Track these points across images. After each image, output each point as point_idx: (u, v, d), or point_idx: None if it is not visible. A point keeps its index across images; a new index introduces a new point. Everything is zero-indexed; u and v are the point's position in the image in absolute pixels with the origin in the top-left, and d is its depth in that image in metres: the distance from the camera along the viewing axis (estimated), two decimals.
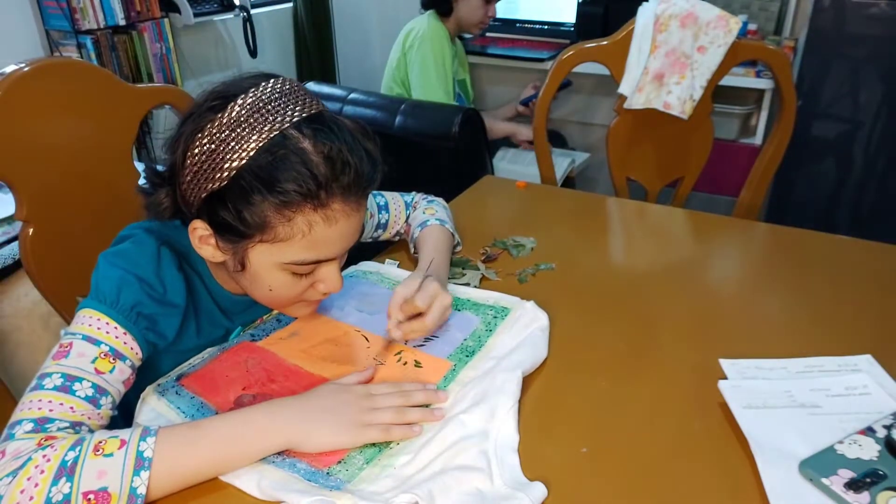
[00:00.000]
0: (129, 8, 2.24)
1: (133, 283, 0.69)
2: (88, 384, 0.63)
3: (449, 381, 0.74)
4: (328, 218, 0.67)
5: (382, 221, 1.02)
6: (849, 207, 2.40)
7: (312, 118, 0.67)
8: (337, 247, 0.71)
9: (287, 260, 0.69)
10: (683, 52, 1.39)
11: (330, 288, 0.74)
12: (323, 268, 0.73)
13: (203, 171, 0.65)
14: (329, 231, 0.68)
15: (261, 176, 0.64)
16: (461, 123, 1.71)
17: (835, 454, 0.61)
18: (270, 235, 0.67)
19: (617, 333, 0.85)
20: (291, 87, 0.68)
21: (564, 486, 0.60)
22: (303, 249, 0.68)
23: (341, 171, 0.66)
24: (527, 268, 0.99)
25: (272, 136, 0.64)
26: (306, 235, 0.67)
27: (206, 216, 0.68)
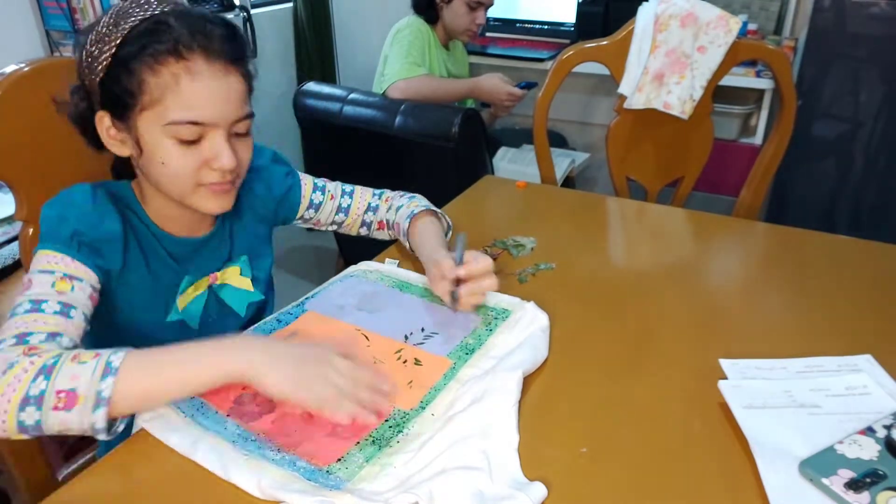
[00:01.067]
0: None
1: (69, 217, 0.76)
2: (54, 302, 0.70)
3: (449, 379, 0.74)
4: (191, 71, 0.73)
5: (343, 205, 1.04)
6: (849, 207, 2.40)
7: (181, 9, 0.76)
8: (210, 108, 0.75)
9: (166, 121, 0.74)
10: (683, 51, 1.39)
11: (221, 161, 0.77)
12: (209, 140, 0.76)
13: (94, 58, 0.75)
14: (195, 86, 0.73)
15: (133, 45, 0.73)
16: (461, 123, 1.71)
17: (835, 454, 0.61)
18: (148, 97, 0.73)
19: (617, 333, 0.85)
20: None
21: (564, 486, 0.60)
22: (177, 108, 0.74)
23: (199, 32, 0.74)
24: (527, 268, 1.00)
25: (144, 16, 0.74)
26: (174, 90, 0.73)
27: (105, 104, 0.76)
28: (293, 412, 0.70)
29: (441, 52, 2.12)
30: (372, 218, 1.06)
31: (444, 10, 2.04)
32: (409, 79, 1.93)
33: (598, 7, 2.59)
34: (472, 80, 2.10)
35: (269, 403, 0.71)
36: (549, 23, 2.88)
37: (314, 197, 1.01)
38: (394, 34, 2.04)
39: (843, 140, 2.32)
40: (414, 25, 2.03)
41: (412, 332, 0.83)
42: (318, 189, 1.02)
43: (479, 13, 2.05)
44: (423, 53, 2.02)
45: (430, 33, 2.07)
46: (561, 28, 2.85)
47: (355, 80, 3.27)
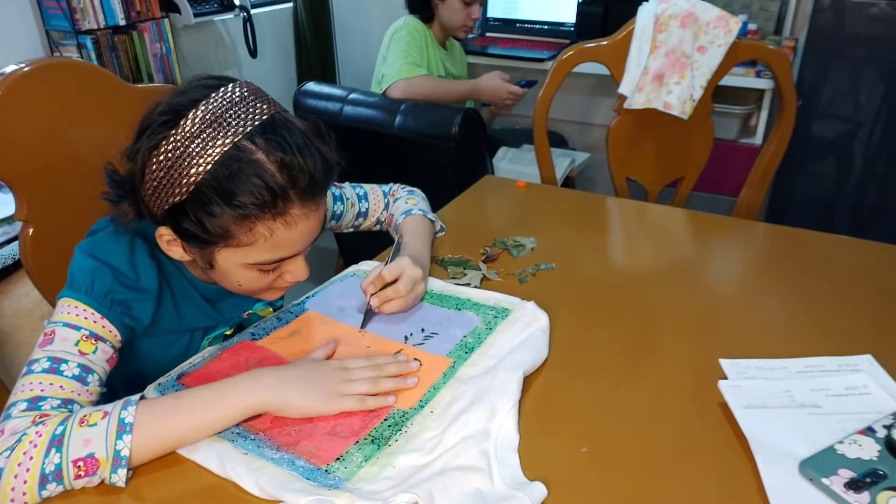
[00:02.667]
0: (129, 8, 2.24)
1: (105, 271, 0.72)
2: (74, 364, 0.67)
3: (448, 378, 0.74)
4: (288, 223, 0.69)
5: (363, 210, 1.05)
6: (849, 207, 2.40)
7: (265, 125, 0.68)
8: (299, 245, 0.74)
9: (252, 261, 0.72)
10: (683, 52, 1.39)
11: (297, 278, 0.77)
12: (289, 262, 0.76)
13: (163, 185, 0.67)
14: (290, 234, 0.71)
15: (218, 189, 0.66)
16: (461, 123, 1.71)
17: (835, 454, 0.61)
18: (234, 242, 0.70)
19: (617, 333, 0.85)
20: (241, 95, 0.69)
21: (564, 486, 0.60)
22: (266, 252, 0.71)
23: (296, 178, 0.68)
24: (527, 268, 0.99)
25: (226, 149, 0.66)
26: (268, 240, 0.70)
27: (170, 224, 0.71)
28: None
29: (439, 51, 2.12)
30: (385, 216, 1.08)
31: (440, 8, 2.05)
32: (409, 79, 1.94)
33: (598, 7, 2.60)
34: (473, 81, 2.10)
35: None
36: (549, 23, 2.88)
37: (336, 209, 1.01)
38: (391, 35, 2.04)
39: (843, 140, 2.33)
40: (411, 25, 2.03)
41: (412, 332, 0.83)
42: (338, 199, 1.01)
43: (474, 7, 2.05)
44: (421, 53, 2.02)
45: (427, 33, 2.07)
46: (561, 28, 2.85)
47: (355, 80, 3.27)
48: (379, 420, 0.68)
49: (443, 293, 0.92)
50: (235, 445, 0.65)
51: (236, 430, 0.67)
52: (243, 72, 2.81)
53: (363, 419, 0.68)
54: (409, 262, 0.86)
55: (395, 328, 0.84)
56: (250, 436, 0.66)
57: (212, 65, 2.71)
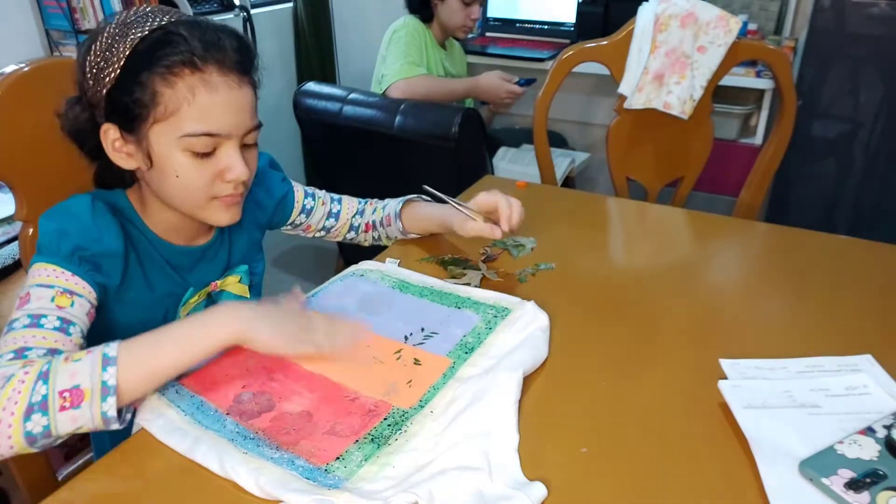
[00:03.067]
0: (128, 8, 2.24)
1: (70, 232, 0.74)
2: (54, 317, 0.69)
3: (448, 378, 0.74)
4: (207, 83, 0.73)
5: (334, 211, 1.07)
6: (849, 207, 2.40)
7: (188, 19, 0.76)
8: (225, 119, 0.75)
9: (181, 133, 0.73)
10: (683, 51, 1.39)
11: (235, 173, 0.77)
12: (223, 151, 0.77)
13: (100, 69, 0.74)
14: (212, 98, 0.73)
15: (144, 55, 0.72)
16: (461, 123, 1.71)
17: (835, 454, 0.61)
18: (162, 109, 0.73)
19: (617, 333, 0.85)
20: (174, 10, 0.77)
21: (564, 486, 0.60)
22: (192, 120, 0.73)
23: (213, 45, 0.73)
24: (527, 268, 0.99)
25: (153, 27, 0.73)
26: (191, 103, 0.73)
27: (111, 116, 0.75)
28: (292, 410, 0.70)
29: (438, 51, 2.12)
30: (359, 221, 1.09)
31: (439, 8, 2.04)
32: (408, 79, 1.94)
33: (598, 7, 2.59)
34: (472, 79, 2.10)
35: (269, 402, 0.71)
36: (549, 23, 2.88)
37: (306, 202, 1.04)
38: (390, 35, 2.05)
39: (843, 140, 2.32)
40: (410, 25, 2.03)
41: (412, 332, 0.83)
42: (309, 195, 1.04)
43: (474, 7, 2.05)
44: (420, 53, 2.02)
45: (427, 33, 2.07)
46: (561, 28, 2.85)
47: (355, 80, 3.27)
48: (379, 419, 0.68)
49: (443, 290, 0.92)
50: (235, 445, 0.65)
51: (236, 430, 0.67)
52: None
53: (363, 419, 0.68)
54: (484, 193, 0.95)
55: (396, 328, 0.84)
56: (250, 435, 0.66)
57: None
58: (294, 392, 0.72)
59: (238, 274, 0.93)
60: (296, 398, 0.71)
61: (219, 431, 0.67)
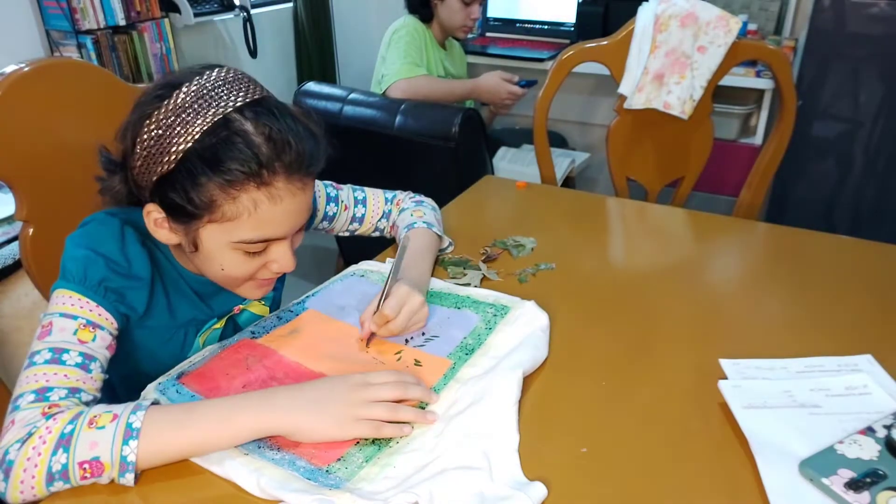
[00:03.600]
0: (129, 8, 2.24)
1: (97, 260, 0.72)
2: (76, 353, 0.67)
3: (448, 380, 0.74)
4: (272, 196, 0.69)
5: (358, 215, 1.03)
6: (849, 207, 2.40)
7: (255, 103, 0.69)
8: (284, 226, 0.73)
9: (236, 239, 0.71)
10: (683, 52, 1.39)
11: (282, 267, 0.76)
12: (274, 247, 0.74)
13: (152, 155, 0.68)
14: (275, 209, 0.70)
15: (205, 157, 0.66)
16: (461, 123, 1.71)
17: (835, 454, 0.61)
18: (218, 215, 0.69)
19: (617, 333, 0.85)
20: (235, 76, 0.71)
21: (564, 486, 0.60)
22: (251, 228, 0.70)
23: (282, 150, 0.68)
24: (527, 268, 0.99)
25: (216, 119, 0.67)
26: (252, 214, 0.69)
27: (158, 199, 0.71)
28: None
29: (438, 51, 2.12)
30: (385, 224, 1.05)
31: (439, 8, 2.05)
32: (409, 79, 1.94)
33: (598, 7, 2.60)
34: (473, 80, 2.10)
35: None
36: (549, 23, 2.89)
37: (328, 209, 0.99)
38: (390, 34, 2.05)
39: (843, 140, 2.33)
40: (410, 25, 2.03)
41: (412, 335, 0.83)
42: (332, 200, 0.99)
43: (474, 7, 2.05)
44: (420, 53, 2.02)
45: (427, 33, 2.07)
46: (561, 28, 2.85)
47: (355, 80, 3.27)
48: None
49: (442, 291, 0.92)
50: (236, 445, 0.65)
51: None
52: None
53: None
54: (407, 290, 0.81)
55: None
56: None
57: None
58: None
59: (262, 300, 0.89)
60: None
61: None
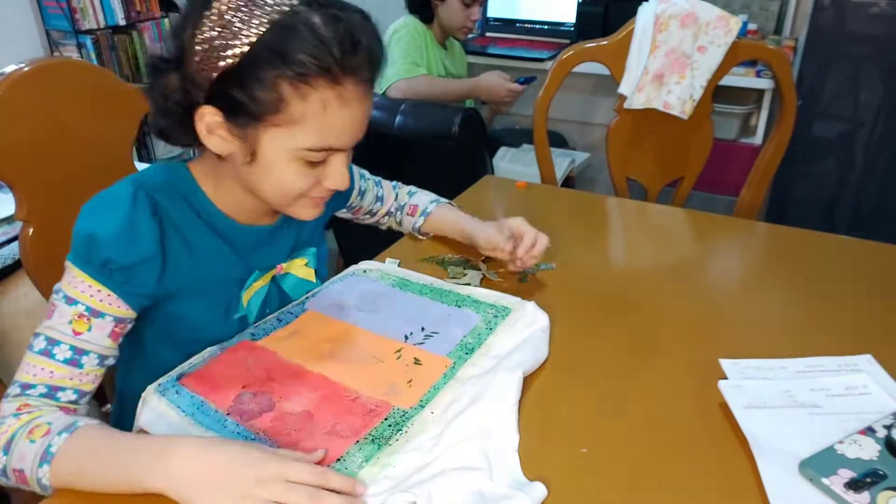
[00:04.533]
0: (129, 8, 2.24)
1: (99, 240, 0.67)
2: (66, 346, 0.67)
3: (448, 379, 0.74)
4: (342, 98, 0.66)
5: (380, 195, 1.06)
6: (849, 207, 2.40)
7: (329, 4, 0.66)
8: (348, 134, 0.70)
9: (301, 146, 0.67)
10: (683, 51, 1.39)
11: (337, 184, 0.73)
12: (332, 161, 0.71)
13: (214, 48, 0.63)
14: (342, 114, 0.67)
15: (275, 49, 0.62)
16: (461, 123, 1.71)
17: (835, 454, 0.61)
18: (285, 116, 0.65)
19: (617, 333, 0.85)
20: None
21: (564, 486, 0.60)
22: (316, 133, 0.67)
23: (354, 48, 0.64)
24: (527, 268, 0.99)
25: (283, 9, 0.63)
26: (320, 117, 0.66)
27: (216, 100, 0.66)
28: (293, 411, 0.70)
29: (438, 51, 2.12)
30: (395, 207, 1.09)
31: (440, 8, 2.05)
32: (409, 79, 1.94)
33: (598, 7, 2.60)
34: (472, 79, 2.10)
35: (269, 402, 0.71)
36: (549, 23, 2.88)
37: (362, 184, 1.02)
38: (390, 35, 2.05)
39: (843, 140, 2.33)
40: (410, 25, 2.03)
41: (412, 331, 0.83)
42: (362, 176, 1.03)
43: (474, 9, 2.05)
44: (421, 53, 2.02)
45: (427, 33, 2.07)
46: (561, 28, 2.85)
47: None
48: (379, 419, 0.68)
49: (443, 288, 0.92)
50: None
51: (236, 430, 0.67)
52: None
53: (363, 419, 0.68)
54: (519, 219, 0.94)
55: (396, 327, 0.84)
56: (250, 435, 0.66)
57: None
58: (294, 392, 0.72)
59: (305, 257, 0.86)
60: (296, 398, 0.71)
61: (219, 432, 0.67)
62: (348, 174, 0.73)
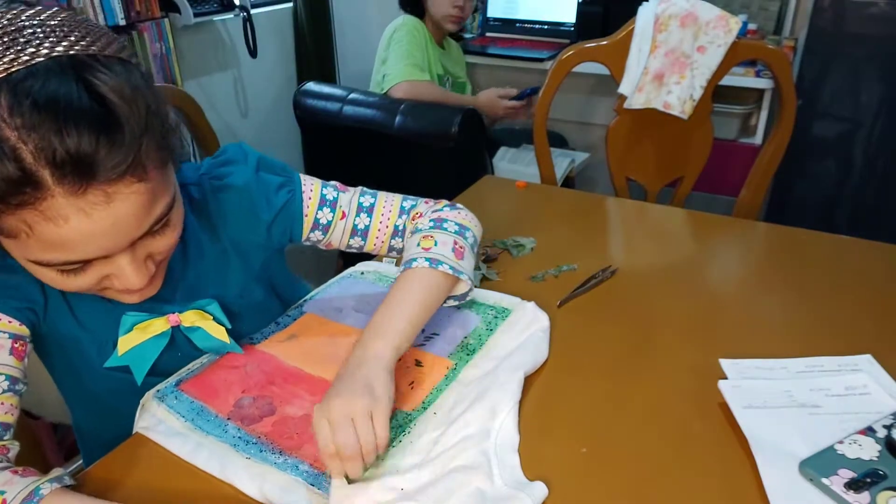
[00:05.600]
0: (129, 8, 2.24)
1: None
2: None
3: (450, 380, 0.74)
4: (49, 218, 0.50)
5: (360, 227, 0.81)
6: (849, 207, 2.40)
7: (32, 71, 0.48)
8: (92, 245, 0.54)
9: (32, 258, 0.54)
10: (683, 51, 1.39)
11: (124, 285, 0.59)
12: (101, 263, 0.57)
13: None
14: (61, 231, 0.51)
15: None
16: (461, 123, 1.71)
17: (835, 454, 0.61)
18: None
19: (617, 333, 0.85)
20: (37, 19, 0.51)
21: (564, 486, 0.60)
22: (40, 250, 0.53)
23: (51, 155, 0.48)
24: (549, 269, 0.99)
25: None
26: (31, 236, 0.52)
27: None
28: (294, 414, 0.69)
29: (436, 50, 2.13)
30: (400, 244, 0.83)
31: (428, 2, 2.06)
32: (413, 82, 1.94)
33: (598, 7, 2.59)
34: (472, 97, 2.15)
35: (270, 406, 0.70)
36: (549, 23, 2.88)
37: (320, 216, 0.79)
38: (390, 34, 2.05)
39: (843, 140, 2.32)
40: (409, 24, 2.04)
41: None
42: (327, 205, 0.79)
43: None
44: (422, 53, 2.03)
45: (425, 31, 2.08)
46: (561, 28, 2.85)
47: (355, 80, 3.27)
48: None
49: None
50: (237, 450, 0.64)
51: (238, 435, 0.66)
52: (243, 71, 2.81)
53: None
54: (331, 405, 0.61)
55: None
56: (252, 440, 0.66)
57: (211, 65, 2.71)
58: (294, 395, 0.72)
59: (199, 309, 0.72)
60: (297, 401, 0.71)
61: (220, 437, 0.66)
62: (138, 273, 0.59)
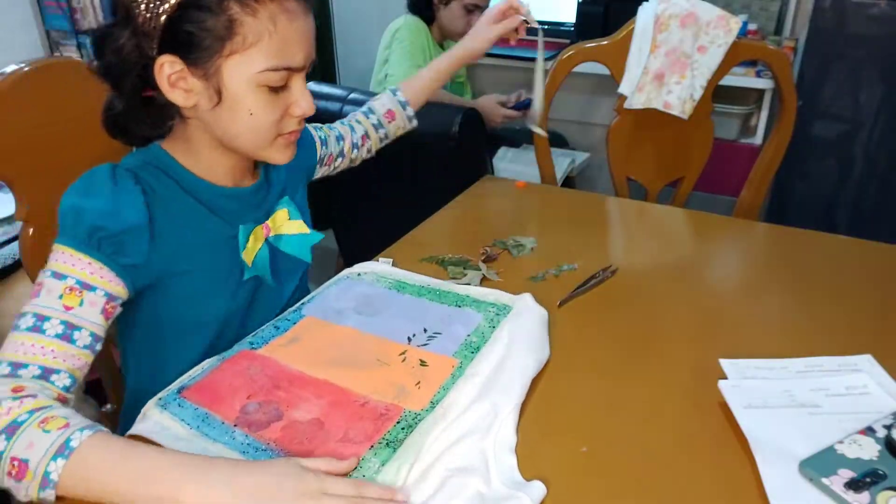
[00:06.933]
0: None
1: (85, 210, 0.69)
2: (57, 321, 0.65)
3: (457, 378, 0.74)
4: (288, 11, 0.70)
5: (338, 134, 1.10)
6: (849, 207, 2.40)
7: None
8: (302, 51, 0.73)
9: (260, 68, 0.70)
10: (683, 51, 1.39)
11: (304, 109, 0.76)
12: (293, 85, 0.75)
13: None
14: (292, 28, 0.71)
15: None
16: (461, 123, 1.71)
17: (835, 454, 0.61)
18: (240, 39, 0.68)
19: (617, 333, 0.85)
20: None
21: (564, 485, 0.60)
22: (272, 53, 0.70)
23: None
24: (549, 269, 0.99)
25: None
26: (273, 33, 0.69)
27: (170, 46, 0.68)
28: (302, 419, 0.68)
29: (438, 50, 2.13)
30: (369, 127, 1.15)
31: (441, 11, 2.06)
32: None
33: (598, 7, 2.59)
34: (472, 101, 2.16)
35: (276, 411, 0.69)
36: (549, 23, 2.88)
37: (320, 134, 1.06)
38: (391, 34, 2.05)
39: (843, 140, 2.32)
40: (411, 25, 2.04)
41: (414, 333, 0.82)
42: (317, 128, 1.07)
43: (475, 16, 2.06)
44: (424, 54, 2.03)
45: (427, 32, 2.08)
46: (561, 28, 2.85)
47: (355, 80, 3.27)
48: (392, 423, 0.67)
49: (441, 289, 0.92)
50: (247, 458, 0.63)
51: (246, 442, 0.65)
52: None
53: (375, 423, 0.67)
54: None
55: (397, 329, 0.83)
56: (261, 446, 0.65)
57: None
58: (301, 399, 0.71)
59: (284, 207, 0.87)
60: (304, 405, 0.70)
61: (228, 444, 0.65)
62: (310, 97, 0.77)
